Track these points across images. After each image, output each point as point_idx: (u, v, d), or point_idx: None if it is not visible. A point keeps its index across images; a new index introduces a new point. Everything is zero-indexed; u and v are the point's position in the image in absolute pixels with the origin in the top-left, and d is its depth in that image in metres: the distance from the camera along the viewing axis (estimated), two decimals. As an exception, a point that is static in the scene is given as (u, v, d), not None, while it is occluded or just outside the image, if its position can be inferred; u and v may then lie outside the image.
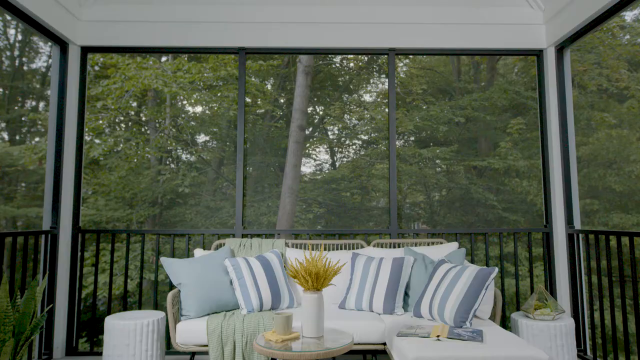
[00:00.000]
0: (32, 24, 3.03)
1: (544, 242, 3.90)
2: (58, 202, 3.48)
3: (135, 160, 6.42)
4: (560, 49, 3.43)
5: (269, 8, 3.49)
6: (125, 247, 4.01)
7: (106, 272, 5.42)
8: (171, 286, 3.85)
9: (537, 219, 6.16)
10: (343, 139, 6.70)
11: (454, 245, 3.58)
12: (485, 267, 3.10)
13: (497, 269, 2.89)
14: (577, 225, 3.63)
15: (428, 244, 3.79)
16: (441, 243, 3.76)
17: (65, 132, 3.42)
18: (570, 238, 3.65)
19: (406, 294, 3.39)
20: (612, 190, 6.25)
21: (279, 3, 3.49)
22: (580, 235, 3.58)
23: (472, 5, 3.50)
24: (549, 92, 3.49)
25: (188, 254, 3.99)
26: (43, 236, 3.50)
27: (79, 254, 3.82)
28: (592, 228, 6.14)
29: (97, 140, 6.41)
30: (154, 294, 4.08)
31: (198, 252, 3.57)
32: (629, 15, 5.97)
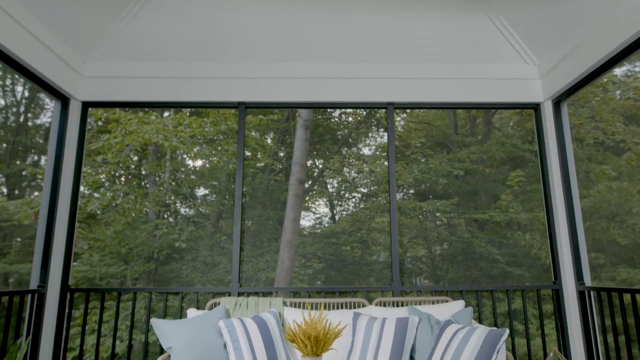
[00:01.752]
0: (36, 81, 3.07)
1: (553, 299, 3.74)
2: (48, 260, 3.36)
3: (133, 214, 6.33)
4: (557, 103, 3.46)
5: (269, 63, 3.56)
6: (116, 306, 3.83)
7: (96, 333, 5.18)
8: (162, 349, 3.64)
9: (542, 274, 5.98)
10: (342, 192, 6.66)
11: (460, 303, 3.43)
12: (494, 328, 2.93)
13: (507, 331, 2.73)
14: (588, 281, 3.49)
15: (433, 302, 3.63)
16: (446, 301, 3.60)
17: (61, 187, 3.37)
18: (582, 295, 3.50)
19: (411, 358, 3.19)
20: (617, 244, 6.13)
21: (278, 59, 3.56)
22: (592, 293, 3.43)
23: (469, 61, 3.58)
24: (548, 145, 3.48)
25: (181, 314, 3.80)
26: (29, 295, 3.35)
27: (67, 314, 3.64)
28: (600, 283, 5.96)
29: (96, 195, 6.35)
30: (144, 357, 3.85)
31: (191, 312, 3.40)
32: (617, 71, 6.13)
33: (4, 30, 2.61)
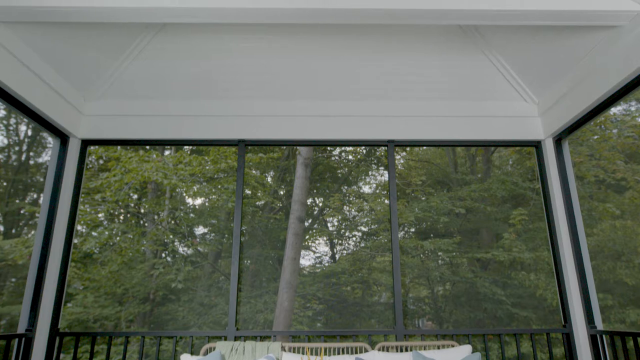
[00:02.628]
0: (35, 119, 3.07)
1: (564, 343, 3.59)
2: (38, 302, 3.25)
3: (130, 253, 6.22)
4: (558, 140, 3.45)
5: (269, 101, 3.58)
6: (107, 351, 3.67)
7: (85, 380, 4.95)
8: (154, 397, 3.45)
9: (549, 316, 5.81)
10: (343, 230, 6.57)
11: (467, 349, 3.28)
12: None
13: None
14: (599, 324, 3.36)
15: (438, 347, 3.48)
16: (452, 346, 3.45)
17: (56, 226, 3.30)
18: (594, 339, 3.36)
19: (417, 407, 3.02)
20: (624, 284, 5.98)
21: (278, 97, 3.58)
22: (605, 337, 3.29)
23: (469, 99, 3.60)
24: (551, 183, 3.44)
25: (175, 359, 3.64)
26: (16, 340, 3.21)
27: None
28: (609, 326, 5.77)
29: (93, 233, 6.27)
30: (135, 406, 3.65)
31: (185, 358, 3.25)
32: (614, 109, 6.19)
33: (6, 69, 2.63)
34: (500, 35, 3.31)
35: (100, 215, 6.37)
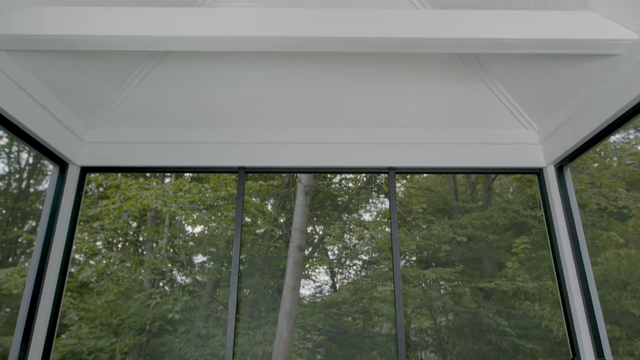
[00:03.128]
0: (35, 145, 3.06)
1: (572, 377, 3.47)
2: (30, 333, 3.16)
3: (127, 282, 6.12)
4: (560, 168, 3.44)
5: (269, 129, 3.58)
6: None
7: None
8: None
9: (555, 348, 5.66)
10: (343, 259, 6.50)
11: (472, 382, 3.17)
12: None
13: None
14: (609, 357, 3.26)
15: (442, 381, 3.36)
16: (457, 379, 3.33)
17: (51, 255, 3.24)
18: (603, 373, 3.25)
19: None
20: (631, 315, 5.85)
21: (278, 124, 3.59)
22: (613, 370, 3.18)
23: (470, 127, 3.60)
24: (554, 211, 3.40)
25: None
26: (7, 373, 3.10)
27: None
28: (619, 359, 5.60)
29: (91, 262, 6.19)
30: None
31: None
32: (614, 137, 6.22)
33: (7, 96, 2.64)
34: (500, 63, 3.34)
35: (98, 243, 6.31)
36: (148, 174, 6.70)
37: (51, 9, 2.46)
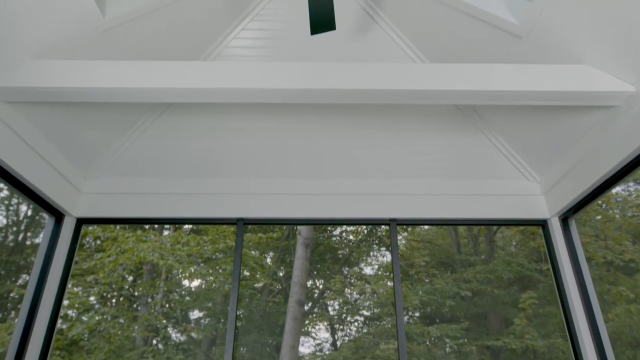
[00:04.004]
0: (32, 197, 3.03)
1: None
2: (11, 396, 2.96)
3: (119, 340, 5.86)
4: (564, 219, 3.38)
5: (268, 179, 3.56)
6: None
7: None
8: None
9: (571, 412, 5.32)
10: (344, 315, 6.27)
11: None
12: None
13: None
14: (629, 423, 3.04)
15: None
16: None
17: (39, 311, 3.11)
18: None
19: None
20: (648, 375, 5.56)
21: (278, 175, 3.58)
22: None
23: (471, 177, 3.59)
24: (562, 264, 3.31)
25: None
26: None
27: None
28: None
29: (83, 318, 5.97)
30: None
31: None
32: (614, 189, 6.21)
33: (6, 146, 2.63)
34: (499, 115, 3.39)
35: (92, 298, 6.11)
36: (146, 226, 6.62)
37: (55, 62, 2.51)
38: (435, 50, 3.41)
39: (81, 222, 3.48)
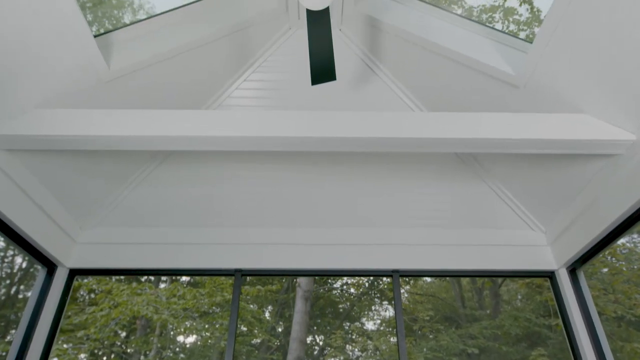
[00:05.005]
0: (25, 246, 2.95)
1: None
2: None
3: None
4: (572, 271, 3.28)
5: (268, 229, 3.49)
6: None
7: None
8: None
9: None
10: (346, 374, 5.95)
11: None
12: None
13: None
14: None
15: None
16: None
17: (24, 370, 2.94)
18: None
19: None
20: None
21: (277, 224, 3.51)
22: None
23: (474, 227, 3.52)
24: (573, 319, 3.16)
25: None
26: None
27: None
28: None
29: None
30: None
31: None
32: (620, 241, 6.10)
33: (3, 195, 2.60)
34: (499, 163, 3.38)
35: (82, 355, 5.82)
36: (142, 279, 6.45)
37: (58, 111, 2.54)
38: (434, 100, 3.47)
39: (74, 273, 3.37)
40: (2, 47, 2.20)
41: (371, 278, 7.06)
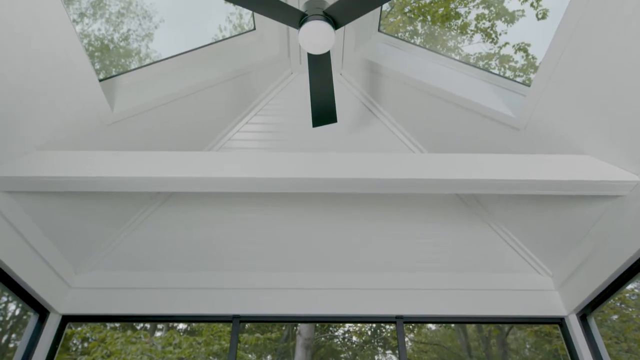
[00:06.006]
0: (17, 291, 2.86)
1: None
2: None
3: None
4: (583, 317, 3.15)
5: (267, 273, 3.38)
6: None
7: None
8: None
9: None
10: None
11: None
12: None
13: None
14: None
15: None
16: None
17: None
18: None
19: None
20: None
21: (277, 269, 3.41)
22: None
23: (479, 271, 3.42)
24: (587, 370, 3.01)
25: None
26: None
27: None
28: None
29: None
30: None
31: None
32: (630, 286, 5.95)
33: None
34: (502, 205, 3.33)
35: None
36: (138, 327, 6.23)
37: (59, 153, 2.54)
38: (434, 142, 3.49)
39: (66, 319, 3.25)
40: (6, 90, 2.23)
41: (374, 325, 6.83)
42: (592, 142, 2.53)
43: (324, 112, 2.93)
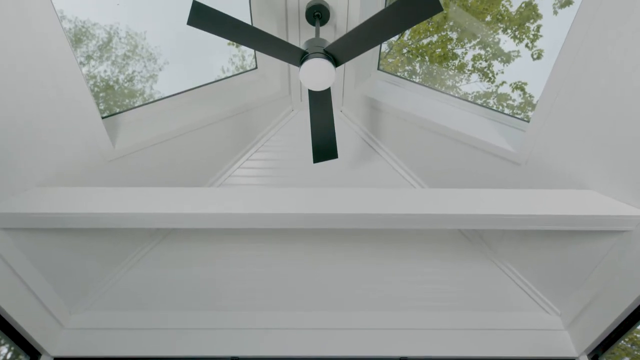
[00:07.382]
0: (7, 332, 2.76)
1: None
2: None
3: None
4: (595, 358, 3.02)
5: (267, 312, 3.27)
6: None
7: None
8: None
9: None
10: None
11: None
12: None
13: None
14: None
15: None
16: None
17: None
18: None
19: None
20: None
21: (277, 307, 3.29)
22: None
23: (485, 310, 3.30)
24: (603, 416, 2.86)
25: None
26: None
27: None
28: None
29: None
30: None
31: None
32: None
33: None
34: (506, 241, 3.28)
35: None
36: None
37: (59, 189, 2.53)
38: (435, 177, 3.48)
39: (57, 362, 3.12)
40: (6, 126, 2.25)
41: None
42: (594, 176, 2.52)
43: (324, 148, 2.94)
